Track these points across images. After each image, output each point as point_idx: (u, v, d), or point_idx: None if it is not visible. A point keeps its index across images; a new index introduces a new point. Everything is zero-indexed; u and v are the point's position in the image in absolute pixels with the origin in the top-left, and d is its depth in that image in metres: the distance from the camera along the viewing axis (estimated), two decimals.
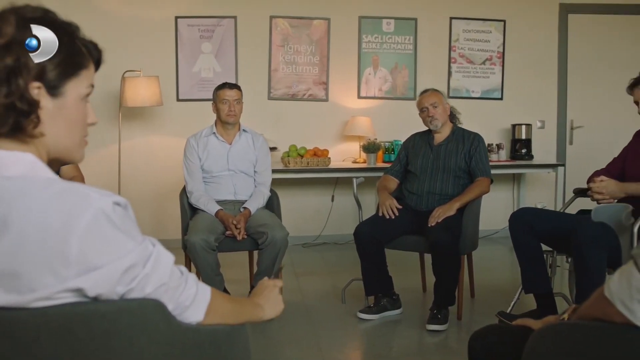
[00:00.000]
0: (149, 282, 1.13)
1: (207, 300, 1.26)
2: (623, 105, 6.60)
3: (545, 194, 6.55)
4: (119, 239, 1.09)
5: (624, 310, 1.29)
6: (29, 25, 1.11)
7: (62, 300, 1.07)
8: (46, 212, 1.05)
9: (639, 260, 1.28)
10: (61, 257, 1.04)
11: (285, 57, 6.12)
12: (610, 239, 2.88)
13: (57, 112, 1.16)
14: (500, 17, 6.46)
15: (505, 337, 1.68)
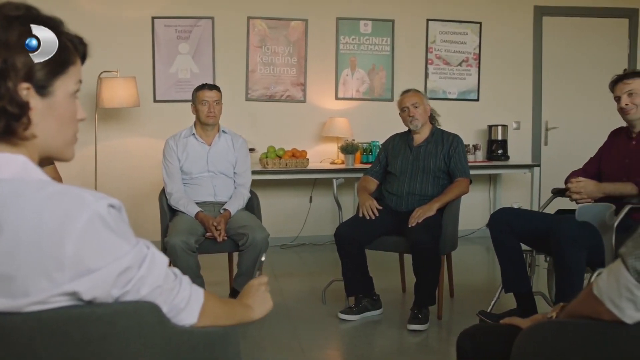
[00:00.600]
0: (144, 284, 1.12)
1: (201, 303, 1.25)
2: (597, 106, 6.75)
3: (521, 194, 6.62)
4: (114, 242, 1.07)
5: (613, 308, 1.32)
6: (14, 23, 1.09)
7: (56, 304, 1.05)
8: (40, 214, 1.04)
9: (627, 259, 1.30)
10: (56, 261, 1.03)
11: (263, 58, 6.11)
12: (589, 239, 2.92)
13: (48, 112, 1.14)
14: (476, 19, 6.52)
15: (493, 336, 1.70)
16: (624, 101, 3.20)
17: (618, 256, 1.33)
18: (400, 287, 4.49)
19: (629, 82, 3.20)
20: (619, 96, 3.23)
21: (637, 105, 3.18)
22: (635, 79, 3.20)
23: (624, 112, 3.22)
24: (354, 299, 3.92)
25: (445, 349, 3.52)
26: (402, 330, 3.66)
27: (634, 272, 1.28)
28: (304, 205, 6.32)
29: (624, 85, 3.21)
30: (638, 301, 1.29)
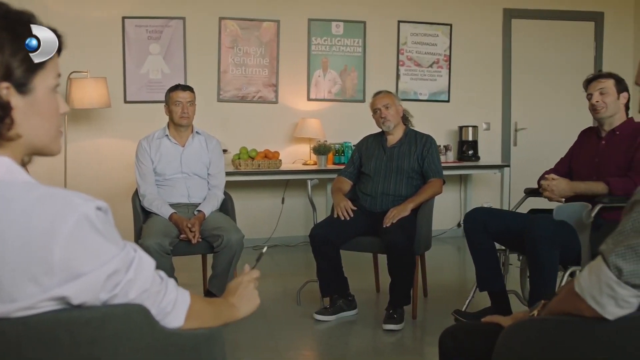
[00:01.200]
0: (132, 288, 1.11)
1: (187, 305, 1.24)
2: (564, 107, 6.88)
3: (491, 194, 6.71)
4: (102, 245, 1.06)
5: (594, 305, 1.34)
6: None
7: (44, 309, 1.03)
8: (28, 218, 1.01)
9: (607, 257, 1.33)
10: (44, 265, 1.01)
11: (235, 59, 6.09)
12: (562, 238, 2.97)
13: (30, 110, 1.11)
14: (447, 21, 6.59)
15: (475, 334, 1.72)
16: (595, 98, 3.26)
17: (598, 254, 1.36)
18: (374, 287, 4.51)
19: (602, 81, 3.27)
20: (591, 94, 3.29)
21: (607, 104, 3.25)
22: (609, 78, 3.28)
23: (594, 109, 3.28)
24: (329, 300, 3.93)
25: (420, 348, 3.55)
26: (377, 330, 3.68)
27: (615, 269, 1.31)
28: (277, 207, 6.31)
29: (597, 84, 3.28)
30: (619, 297, 1.31)
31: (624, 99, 3.29)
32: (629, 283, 1.30)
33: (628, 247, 1.31)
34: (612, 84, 3.26)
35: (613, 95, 3.26)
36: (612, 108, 3.26)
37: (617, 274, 1.31)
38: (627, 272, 1.30)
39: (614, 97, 3.26)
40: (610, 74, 3.33)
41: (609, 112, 3.26)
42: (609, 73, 3.34)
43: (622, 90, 3.30)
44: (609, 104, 3.25)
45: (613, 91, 3.26)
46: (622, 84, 3.30)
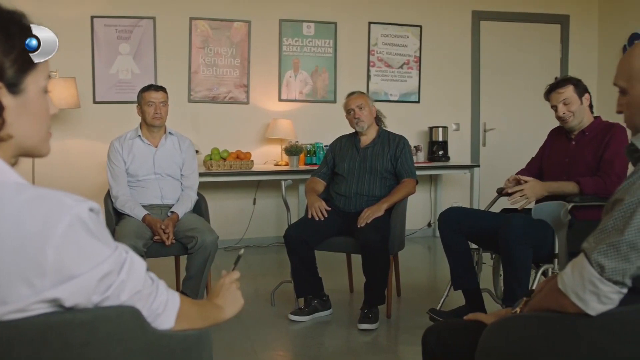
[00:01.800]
0: (124, 289, 1.10)
1: (177, 306, 1.24)
2: (531, 108, 6.99)
3: (461, 194, 6.79)
4: (95, 247, 1.05)
5: (577, 301, 1.37)
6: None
7: (36, 311, 1.02)
8: (20, 219, 1.00)
9: (590, 254, 1.36)
10: (37, 267, 1.00)
11: (206, 60, 6.05)
12: (534, 237, 3.02)
13: (21, 110, 1.10)
14: (417, 23, 6.65)
15: (458, 332, 1.74)
16: (561, 110, 3.31)
17: (573, 251, 1.39)
18: (347, 287, 4.53)
19: (561, 91, 3.30)
20: (555, 105, 3.34)
21: (573, 112, 3.30)
22: (567, 86, 3.31)
23: (563, 120, 3.34)
24: (304, 300, 3.93)
25: (395, 347, 3.57)
26: (352, 330, 3.69)
27: (597, 267, 1.34)
28: (248, 208, 6.29)
29: (557, 95, 3.31)
30: (601, 294, 1.35)
31: (587, 100, 3.35)
32: (611, 280, 1.34)
33: (610, 245, 1.34)
34: (572, 91, 3.30)
35: (576, 102, 3.30)
36: (579, 114, 3.32)
37: (600, 271, 1.34)
38: (609, 269, 1.33)
39: (578, 103, 3.31)
40: (567, 79, 3.37)
41: (577, 119, 3.32)
42: (565, 79, 3.38)
43: (583, 93, 3.34)
44: (575, 112, 3.30)
45: (575, 98, 3.31)
46: (581, 86, 3.34)
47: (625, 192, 1.36)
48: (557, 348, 1.43)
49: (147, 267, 1.17)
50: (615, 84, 1.56)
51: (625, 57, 1.53)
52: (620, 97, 1.56)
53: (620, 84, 1.54)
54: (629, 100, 1.53)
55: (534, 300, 1.56)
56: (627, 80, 1.51)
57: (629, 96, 1.52)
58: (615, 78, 1.55)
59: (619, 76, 1.54)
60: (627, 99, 1.53)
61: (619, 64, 1.55)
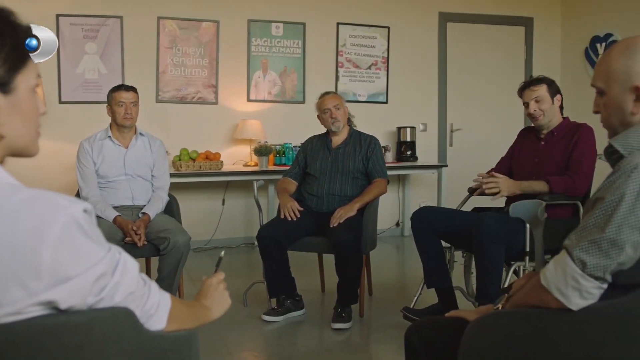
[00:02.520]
0: (118, 291, 1.09)
1: (169, 307, 1.24)
2: (497, 108, 7.11)
3: (428, 193, 6.87)
4: (89, 248, 1.04)
5: (560, 297, 1.41)
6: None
7: (31, 314, 1.01)
8: (13, 221, 0.99)
9: (572, 251, 1.40)
10: (32, 269, 0.98)
11: (174, 59, 6.01)
12: (506, 235, 3.07)
13: (12, 110, 1.09)
14: (385, 24, 6.70)
15: (440, 329, 1.77)
16: (532, 107, 3.38)
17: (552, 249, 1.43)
18: (319, 287, 4.54)
19: (535, 89, 3.38)
20: (527, 102, 3.41)
21: (544, 110, 3.38)
22: (540, 85, 3.39)
23: (533, 118, 3.40)
24: (276, 301, 3.93)
25: (368, 345, 3.59)
26: (326, 329, 3.71)
27: (579, 263, 1.38)
28: (217, 208, 6.26)
29: (531, 92, 3.39)
30: (583, 289, 1.39)
31: (558, 101, 3.43)
32: (592, 275, 1.37)
33: (591, 242, 1.38)
34: (545, 90, 3.38)
35: (548, 102, 3.38)
36: (549, 114, 3.39)
37: (582, 267, 1.38)
38: (591, 265, 1.37)
39: (550, 103, 3.38)
40: (541, 78, 3.44)
41: (547, 118, 3.39)
42: (540, 78, 3.45)
43: (555, 94, 3.42)
44: (546, 111, 3.37)
45: (547, 97, 3.38)
46: (554, 87, 3.42)
47: (606, 191, 1.40)
48: (539, 343, 1.47)
49: (139, 268, 1.16)
50: (593, 85, 1.60)
51: (602, 59, 1.57)
52: (597, 98, 1.60)
53: (598, 85, 1.58)
54: (606, 101, 1.57)
55: (515, 296, 1.60)
56: (605, 81, 1.55)
57: (606, 97, 1.56)
58: (593, 79, 1.59)
59: (597, 77, 1.58)
60: (605, 100, 1.57)
61: (596, 66, 1.59)
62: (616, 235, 1.36)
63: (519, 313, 1.52)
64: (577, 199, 3.28)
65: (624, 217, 1.35)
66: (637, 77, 1.50)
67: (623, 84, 1.52)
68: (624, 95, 1.52)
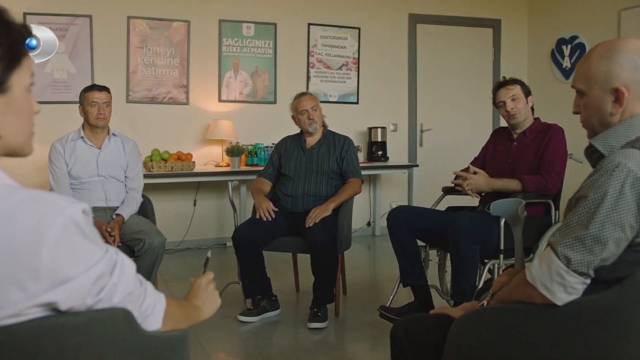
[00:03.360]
0: (116, 291, 1.09)
1: (164, 308, 1.24)
2: (466, 109, 7.21)
3: (399, 193, 6.93)
4: (88, 248, 1.04)
5: (545, 292, 1.45)
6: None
7: (30, 316, 1.00)
8: (11, 222, 0.98)
9: (556, 248, 1.44)
10: (31, 271, 0.97)
11: (144, 59, 5.95)
12: (481, 234, 3.12)
13: (7, 109, 1.08)
14: (355, 25, 6.73)
15: (425, 326, 1.79)
16: (509, 105, 3.44)
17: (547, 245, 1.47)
18: (294, 287, 4.55)
19: (511, 88, 3.45)
20: (503, 101, 3.46)
21: (519, 109, 3.44)
22: (515, 84, 3.46)
23: (510, 115, 3.46)
24: (252, 301, 3.93)
25: (345, 344, 3.61)
26: (302, 329, 3.72)
27: (564, 259, 1.42)
28: (188, 209, 6.23)
29: (507, 91, 3.45)
30: (567, 285, 1.43)
31: (530, 102, 3.51)
32: (577, 271, 1.42)
33: (575, 239, 1.42)
34: (519, 90, 3.45)
35: (523, 101, 3.45)
36: (523, 113, 3.46)
37: (566, 263, 1.42)
38: (575, 261, 1.41)
39: (524, 102, 3.46)
40: (515, 80, 3.51)
41: (522, 116, 3.46)
42: (514, 79, 3.52)
43: (528, 95, 3.50)
44: (521, 109, 3.44)
45: (522, 97, 3.46)
46: (525, 88, 3.50)
47: (589, 189, 1.44)
48: (524, 337, 1.51)
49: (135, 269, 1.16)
50: (573, 86, 1.64)
51: (583, 61, 1.61)
52: (577, 99, 1.65)
53: (578, 87, 1.62)
54: (586, 102, 1.61)
55: (500, 293, 1.63)
56: (585, 83, 1.60)
57: (586, 98, 1.61)
58: (574, 80, 1.64)
59: (577, 79, 1.62)
60: (585, 101, 1.61)
61: (577, 67, 1.63)
62: (599, 232, 1.40)
63: (504, 309, 1.56)
64: (550, 198, 3.35)
65: (607, 214, 1.40)
66: (616, 79, 1.54)
67: (603, 86, 1.56)
68: (603, 97, 1.57)
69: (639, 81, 1.53)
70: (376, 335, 3.61)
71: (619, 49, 1.54)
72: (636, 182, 1.39)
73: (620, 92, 1.54)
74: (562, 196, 3.49)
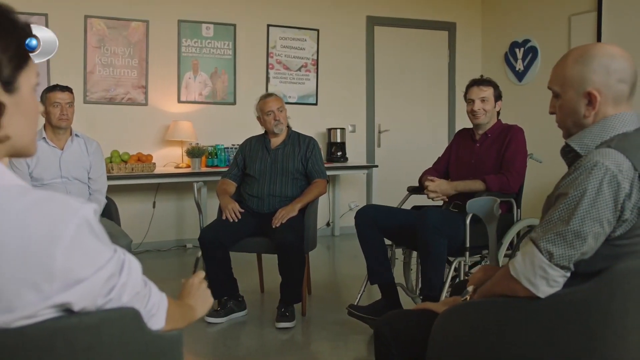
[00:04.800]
0: (125, 291, 1.10)
1: (166, 307, 1.25)
2: (422, 110, 7.34)
3: (357, 193, 7.01)
4: (99, 249, 1.05)
5: (529, 285, 1.52)
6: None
7: (44, 316, 1.00)
8: (25, 223, 0.98)
9: (539, 243, 1.51)
10: (45, 272, 0.97)
11: (102, 59, 5.87)
12: (448, 231, 3.20)
13: (16, 109, 1.07)
14: (314, 26, 6.78)
15: (409, 321, 1.84)
16: (477, 105, 3.52)
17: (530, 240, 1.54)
18: (258, 287, 4.56)
19: (484, 89, 3.53)
20: (472, 99, 3.55)
21: (486, 111, 3.54)
22: (489, 86, 3.55)
23: (474, 114, 3.55)
24: (218, 302, 3.93)
25: (313, 342, 3.65)
26: (269, 329, 3.74)
27: (547, 254, 1.49)
28: (147, 211, 6.16)
29: (479, 91, 3.53)
30: (550, 278, 1.50)
31: (499, 106, 3.61)
32: (559, 265, 1.49)
33: (557, 234, 1.49)
34: (491, 93, 3.54)
35: (492, 104, 3.54)
36: (489, 115, 3.55)
37: (549, 258, 1.49)
38: (557, 255, 1.49)
39: (492, 105, 3.55)
40: (490, 81, 3.61)
41: (487, 119, 3.56)
42: (489, 80, 3.61)
43: (498, 99, 3.60)
44: (488, 112, 3.54)
45: (492, 100, 3.55)
46: (498, 91, 3.60)
47: (569, 187, 1.52)
48: (508, 329, 1.57)
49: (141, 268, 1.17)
50: (549, 88, 1.72)
51: (559, 64, 1.69)
52: (553, 100, 1.73)
53: (554, 89, 1.70)
54: (561, 104, 1.69)
55: (483, 287, 1.69)
56: (560, 85, 1.68)
57: (561, 100, 1.69)
58: (550, 82, 1.71)
59: (553, 81, 1.70)
60: (560, 103, 1.69)
61: (553, 69, 1.71)
62: (579, 227, 1.47)
63: (488, 303, 1.62)
64: (512, 196, 3.46)
65: (586, 210, 1.47)
66: (589, 84, 1.62)
67: (577, 89, 1.64)
68: (577, 100, 1.65)
69: (611, 85, 1.61)
70: (344, 333, 3.66)
71: (593, 54, 1.62)
72: (613, 180, 1.47)
73: (593, 96, 1.62)
74: (523, 194, 3.61)
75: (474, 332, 1.62)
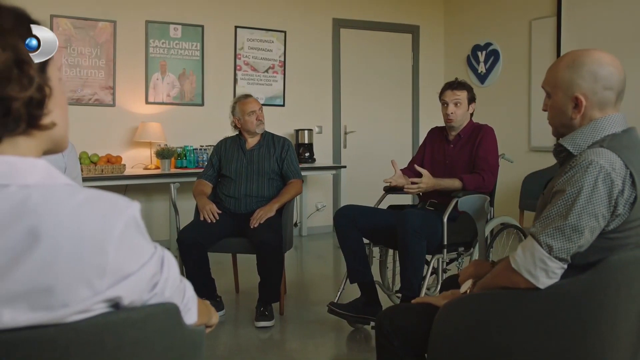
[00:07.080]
0: (167, 286, 1.13)
1: (197, 302, 1.29)
2: (387, 111, 7.46)
3: (324, 194, 7.09)
4: (143, 245, 1.08)
5: (529, 277, 1.61)
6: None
7: (95, 312, 1.03)
8: (78, 221, 1.01)
9: (539, 237, 1.60)
10: (97, 268, 1.01)
11: (69, 60, 5.80)
12: (428, 230, 3.29)
13: (52, 99, 1.10)
14: (281, 28, 6.84)
15: (410, 315, 1.92)
16: (450, 109, 3.63)
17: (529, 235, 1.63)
18: (234, 287, 4.59)
19: (458, 94, 3.64)
20: (446, 102, 3.66)
21: (459, 115, 3.65)
22: (463, 90, 3.66)
23: (448, 119, 3.66)
24: None
25: (293, 340, 3.70)
26: (249, 328, 3.78)
27: (547, 247, 1.59)
28: None
29: (453, 95, 3.64)
30: (549, 270, 1.59)
31: (472, 108, 3.72)
32: (558, 257, 1.59)
33: (556, 229, 1.59)
34: (465, 96, 3.65)
35: (465, 107, 3.65)
36: (462, 118, 3.67)
37: (549, 251, 1.59)
38: (557, 249, 1.58)
39: (465, 109, 3.66)
40: (464, 85, 3.71)
41: (459, 122, 3.67)
42: (463, 83, 3.72)
43: (472, 101, 3.71)
44: (460, 115, 3.65)
45: (465, 103, 3.66)
46: (472, 94, 3.71)
47: (566, 184, 1.61)
48: (508, 320, 1.66)
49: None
50: (542, 87, 1.83)
51: (553, 66, 1.80)
52: (546, 99, 1.83)
53: (546, 89, 1.81)
54: (552, 104, 1.80)
55: (483, 280, 1.78)
56: (552, 87, 1.78)
57: (552, 100, 1.79)
58: (543, 82, 1.82)
59: (546, 82, 1.81)
60: (551, 103, 1.80)
61: (548, 70, 1.82)
62: (577, 221, 1.57)
63: (489, 295, 1.71)
64: (486, 194, 3.57)
65: (583, 206, 1.57)
66: (577, 89, 1.73)
67: (566, 92, 1.75)
68: (566, 102, 1.76)
69: (597, 92, 1.72)
70: (323, 330, 3.73)
71: (583, 61, 1.73)
72: (607, 177, 1.57)
73: (580, 101, 1.73)
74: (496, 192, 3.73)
75: (475, 323, 1.70)
